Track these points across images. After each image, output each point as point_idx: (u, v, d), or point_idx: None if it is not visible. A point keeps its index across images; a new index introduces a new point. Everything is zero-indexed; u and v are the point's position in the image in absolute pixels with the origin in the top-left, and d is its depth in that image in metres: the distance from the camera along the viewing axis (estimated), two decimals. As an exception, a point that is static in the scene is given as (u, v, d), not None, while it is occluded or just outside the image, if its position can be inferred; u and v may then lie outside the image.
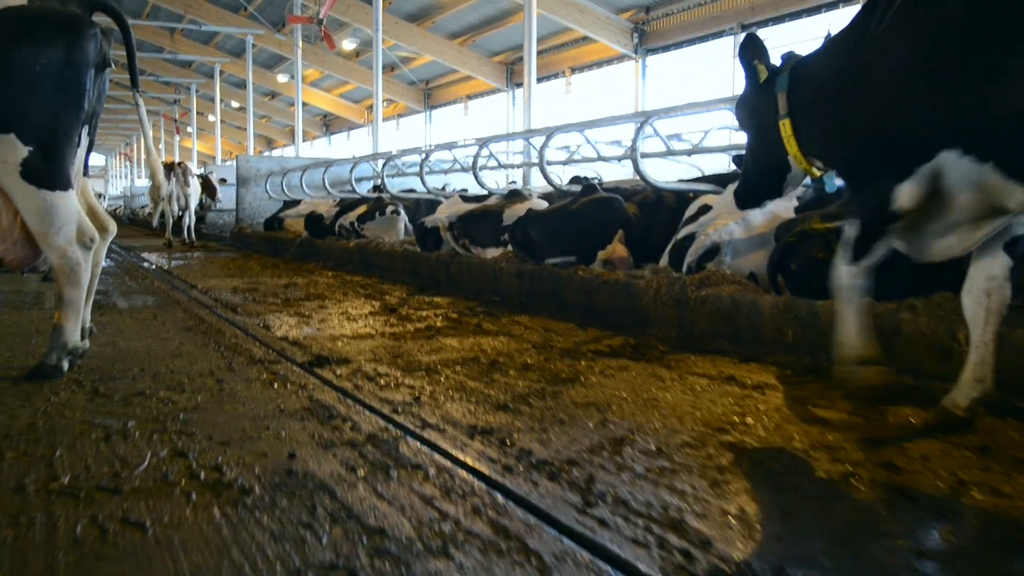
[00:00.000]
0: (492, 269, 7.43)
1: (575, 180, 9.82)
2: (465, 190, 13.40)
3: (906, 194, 2.94)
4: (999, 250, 2.97)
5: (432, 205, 11.92)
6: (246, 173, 18.31)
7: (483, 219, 8.23)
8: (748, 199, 4.21)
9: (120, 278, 9.67)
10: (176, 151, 48.81)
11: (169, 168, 17.10)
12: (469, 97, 31.36)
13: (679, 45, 20.10)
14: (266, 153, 48.65)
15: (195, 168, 34.09)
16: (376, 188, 15.11)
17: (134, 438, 2.95)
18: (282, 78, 36.41)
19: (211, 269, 11.00)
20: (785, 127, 3.57)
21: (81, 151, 4.19)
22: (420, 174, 11.57)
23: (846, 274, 3.23)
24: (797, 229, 4.88)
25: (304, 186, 16.12)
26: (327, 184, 14.83)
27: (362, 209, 11.86)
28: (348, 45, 29.59)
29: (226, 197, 21.23)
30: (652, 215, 6.93)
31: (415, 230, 9.36)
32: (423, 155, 11.91)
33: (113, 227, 4.53)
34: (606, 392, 3.76)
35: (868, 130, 3.08)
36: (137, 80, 4.75)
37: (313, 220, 13.01)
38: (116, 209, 45.18)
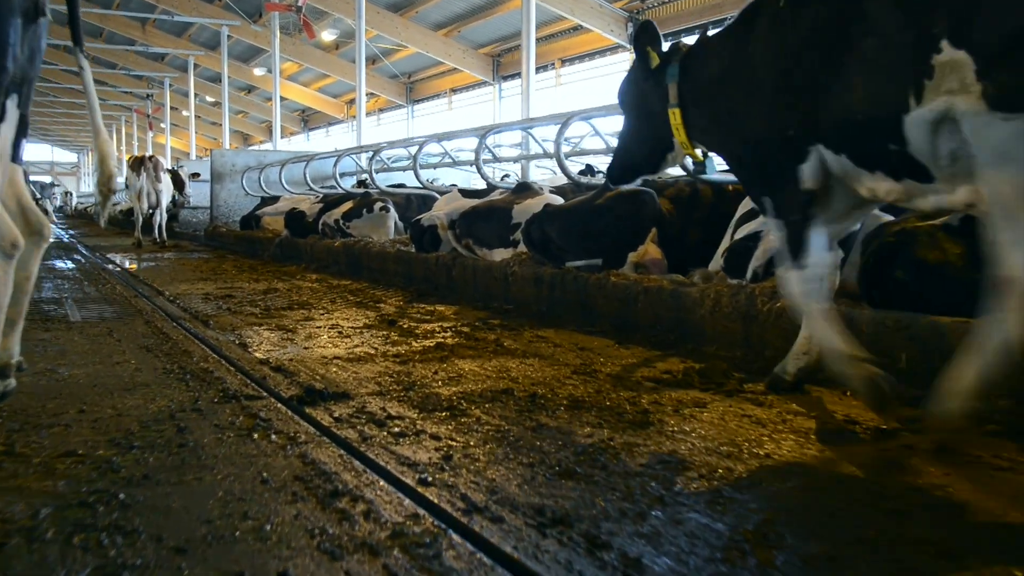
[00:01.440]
0: (503, 273, 6.49)
1: (587, 171, 8.90)
2: (455, 186, 12.46)
3: (810, 172, 3.16)
4: (834, 243, 3.35)
5: (425, 201, 10.96)
6: (221, 168, 17.25)
7: (489, 216, 7.28)
8: (623, 176, 4.33)
9: (78, 283, 8.64)
10: (149, 148, 47.42)
11: (139, 162, 16.01)
12: (453, 91, 30.37)
13: (676, 35, 19.17)
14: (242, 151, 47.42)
15: (168, 164, 32.95)
16: (361, 183, 14.12)
17: (41, 542, 1.98)
18: (258, 71, 35.25)
19: (182, 272, 9.98)
20: (675, 116, 3.76)
21: (7, 128, 3.19)
22: (414, 167, 10.60)
23: (796, 280, 3.30)
24: (894, 228, 3.98)
25: (283, 182, 15.09)
26: (309, 179, 13.81)
27: (348, 205, 10.88)
28: (328, 36, 28.49)
29: (200, 194, 20.13)
30: (688, 211, 6.01)
31: (411, 228, 8.40)
32: (417, 147, 10.93)
33: (49, 231, 3.54)
34: (697, 444, 2.83)
35: (761, 126, 3.30)
36: (80, 38, 3.81)
37: (294, 218, 12.01)
38: (87, 207, 43.81)
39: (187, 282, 8.67)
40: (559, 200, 7.15)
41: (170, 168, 17.63)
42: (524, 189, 7.67)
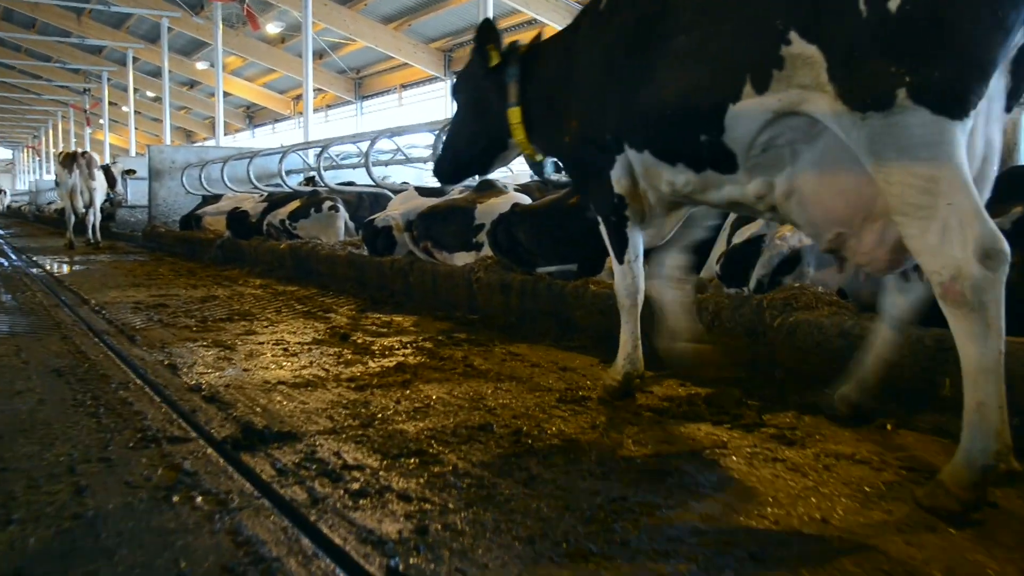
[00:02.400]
0: (466, 279, 5.90)
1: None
2: (407, 183, 11.83)
3: (618, 178, 3.31)
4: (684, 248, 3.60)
5: (377, 200, 10.31)
6: (160, 165, 16.37)
7: (450, 217, 6.69)
8: (455, 174, 4.31)
9: (-5, 290, 7.85)
10: (87, 144, 45.79)
11: (71, 158, 15.06)
12: (404, 86, 29.65)
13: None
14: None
15: (107, 160, 31.75)
16: (309, 181, 13.41)
17: None
18: (201, 65, 34.08)
19: (113, 277, 9.21)
20: (514, 114, 3.73)
21: None
22: (365, 164, 9.93)
23: (619, 273, 3.52)
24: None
25: (226, 179, 14.28)
26: (253, 177, 13.05)
27: (294, 205, 10.18)
28: (273, 29, 27.56)
29: (139, 192, 19.17)
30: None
31: (363, 230, 7.76)
32: (368, 142, 10.26)
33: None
34: (733, 503, 2.28)
35: (577, 124, 3.42)
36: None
37: (236, 218, 11.27)
38: (22, 206, 42.16)
39: (117, 288, 7.92)
40: (526, 199, 6.59)
41: (102, 164, 16.68)
42: (487, 187, 7.08)
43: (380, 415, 3.25)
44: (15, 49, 38.22)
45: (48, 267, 10.80)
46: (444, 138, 4.45)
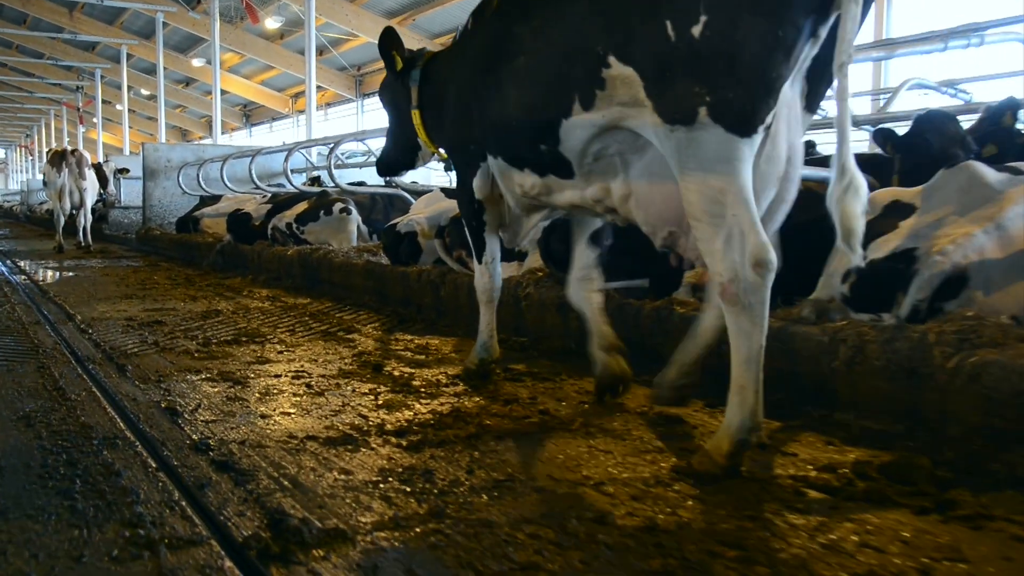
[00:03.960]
0: (512, 296, 5.06)
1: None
2: (415, 183, 11.00)
3: (478, 185, 3.72)
4: (586, 243, 3.82)
5: (392, 201, 9.48)
6: (155, 164, 15.48)
7: (487, 222, 5.83)
8: (388, 170, 4.76)
9: (-30, 303, 6.99)
10: (80, 143, 44.81)
11: (60, 157, 14.17)
12: (406, 84, 28.75)
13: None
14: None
15: (100, 159, 30.84)
16: (314, 181, 12.56)
17: None
18: (197, 63, 33.12)
19: (103, 286, 8.35)
20: (416, 116, 4.07)
21: None
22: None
23: (478, 272, 3.93)
24: None
25: (226, 179, 13.40)
26: (255, 176, 12.18)
27: (302, 207, 9.31)
28: (272, 24, 26.65)
29: (134, 192, 18.29)
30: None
31: (384, 235, 6.90)
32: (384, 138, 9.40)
33: None
34: None
35: (452, 131, 3.82)
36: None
37: (238, 220, 10.40)
38: (13, 206, 41.18)
39: (108, 301, 7.07)
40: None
41: (94, 163, 15.81)
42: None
43: (452, 495, 2.42)
44: (6, 46, 37.28)
45: (33, 274, 9.94)
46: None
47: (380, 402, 3.54)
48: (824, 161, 5.45)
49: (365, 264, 7.01)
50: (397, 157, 4.54)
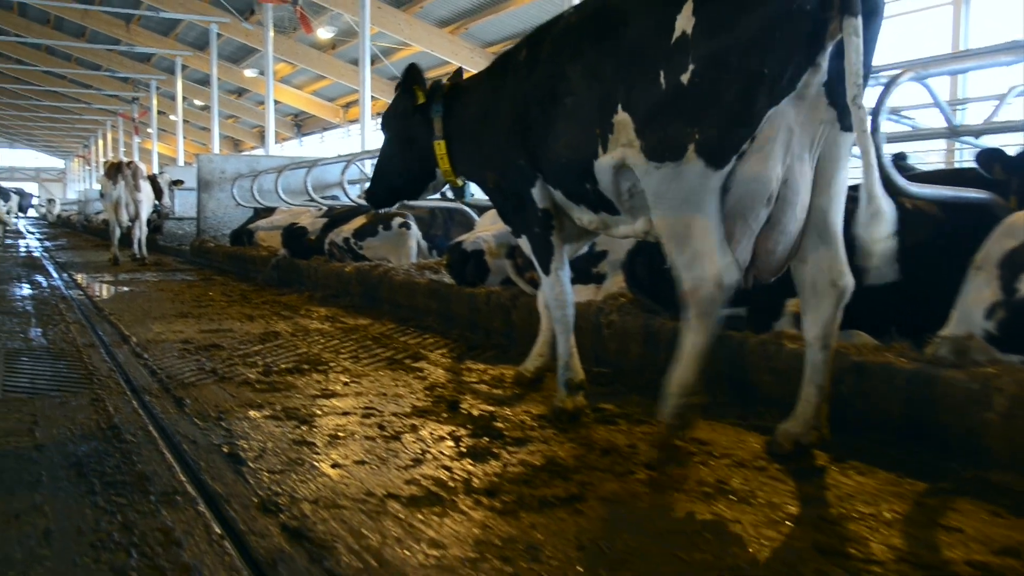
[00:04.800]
0: (593, 323, 4.69)
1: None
2: (473, 195, 10.66)
3: (539, 195, 3.72)
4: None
5: (451, 216, 9.16)
6: (209, 175, 15.39)
7: (562, 241, 5.47)
8: (387, 199, 4.65)
9: (25, 322, 6.79)
10: (136, 153, 45.43)
11: (116, 169, 14.11)
12: (457, 93, 28.54)
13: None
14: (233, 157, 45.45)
15: (155, 169, 31.11)
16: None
17: None
18: (250, 73, 33.28)
19: (159, 303, 8.14)
20: (440, 147, 4.16)
21: None
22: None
23: (548, 284, 3.85)
24: None
25: (280, 191, 13.21)
26: (311, 189, 11.95)
27: (359, 221, 9.04)
28: (324, 34, 26.62)
29: (187, 203, 18.26)
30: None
31: (450, 254, 6.57)
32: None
33: None
34: None
35: (498, 156, 3.86)
36: None
37: (293, 235, 10.17)
38: (71, 215, 41.82)
39: (163, 320, 6.84)
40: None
41: (149, 175, 15.76)
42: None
43: (566, 580, 2.05)
44: (65, 58, 37.91)
45: (88, 288, 9.80)
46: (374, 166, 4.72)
47: (463, 449, 3.19)
48: (925, 177, 5.00)
49: (428, 284, 6.69)
50: (401, 186, 4.54)
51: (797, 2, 2.66)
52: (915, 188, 3.80)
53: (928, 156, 11.95)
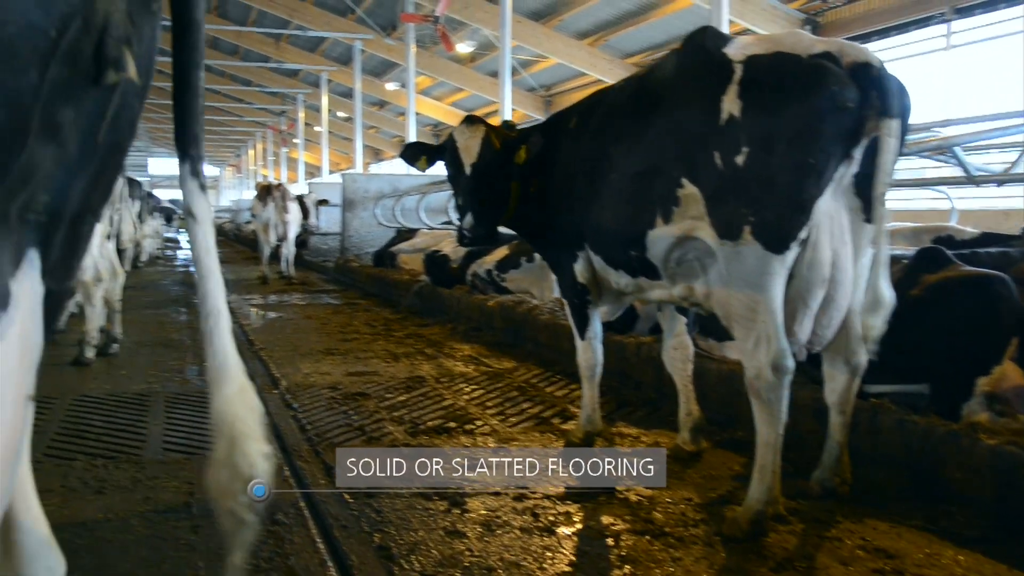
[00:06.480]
0: (737, 390, 4.38)
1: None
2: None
3: (579, 270, 4.04)
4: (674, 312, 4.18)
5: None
6: (353, 195, 15.72)
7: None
8: (488, 234, 4.44)
9: (181, 357, 7.00)
10: (283, 163, 47.30)
11: (266, 191, 14.61)
12: (595, 104, 28.31)
13: (865, 38, 16.47)
14: (373, 165, 46.73)
15: (301, 183, 32.11)
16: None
17: None
18: (391, 86, 34.04)
19: (306, 334, 8.27)
20: (515, 188, 4.28)
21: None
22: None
23: (581, 348, 4.20)
24: None
25: (422, 212, 13.32)
26: (453, 215, 11.99)
27: (502, 252, 8.94)
28: (464, 48, 26.92)
29: (331, 219, 18.72)
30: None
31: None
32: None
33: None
34: None
35: (554, 222, 4.15)
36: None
37: (435, 262, 10.19)
38: (223, 223, 43.88)
39: (311, 357, 6.92)
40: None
41: (296, 195, 16.22)
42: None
43: None
44: (220, 75, 39.82)
45: (239, 313, 10.10)
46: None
47: (622, 552, 2.99)
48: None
49: (574, 326, 6.50)
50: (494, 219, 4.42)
51: (841, 98, 2.85)
52: None
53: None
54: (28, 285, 1.23)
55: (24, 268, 1.22)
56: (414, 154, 4.71)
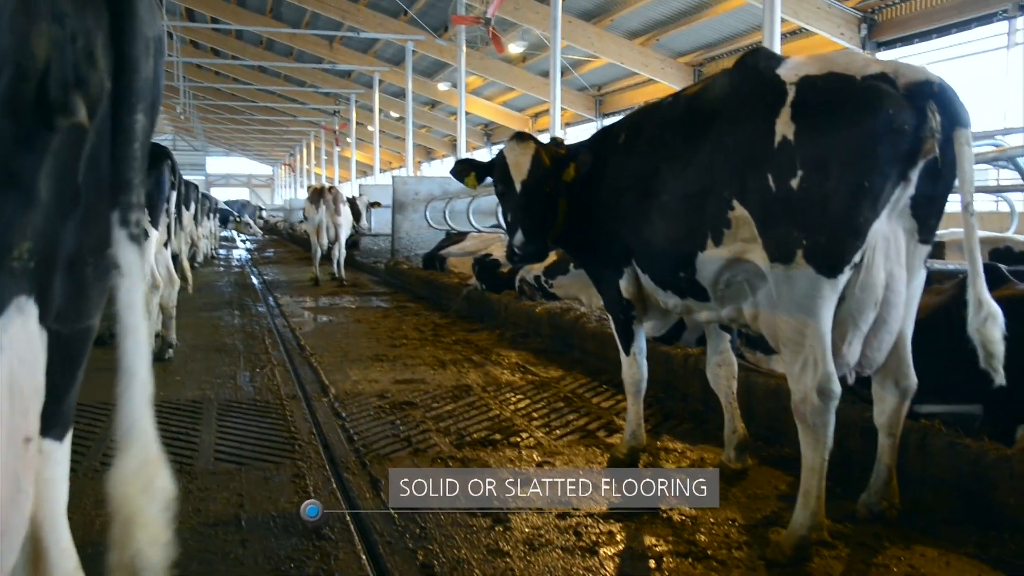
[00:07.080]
0: (784, 406, 4.33)
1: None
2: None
3: (625, 286, 4.07)
4: (718, 328, 4.09)
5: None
6: (403, 197, 15.83)
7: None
8: (539, 252, 4.49)
9: (235, 362, 7.13)
10: (336, 162, 47.83)
11: (318, 194, 14.79)
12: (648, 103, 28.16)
13: (924, 36, 16.12)
14: (425, 164, 47.00)
15: (353, 182, 32.42)
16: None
17: None
18: (442, 86, 34.24)
19: (355, 340, 8.37)
20: (563, 204, 4.26)
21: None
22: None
23: (626, 363, 4.23)
24: None
25: (471, 215, 13.36)
26: (501, 217, 12.01)
27: (551, 257, 8.92)
28: (515, 49, 26.93)
29: (382, 220, 18.89)
30: None
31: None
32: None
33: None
34: None
35: (599, 239, 4.18)
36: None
37: (485, 267, 10.23)
38: (277, 222, 44.52)
39: (360, 364, 7.00)
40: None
41: (348, 197, 16.39)
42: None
43: None
44: (275, 76, 40.40)
45: (291, 316, 10.25)
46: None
47: (664, 575, 2.99)
48: None
49: (621, 336, 6.48)
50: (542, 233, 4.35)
51: (898, 120, 2.83)
52: None
53: None
54: (17, 331, 1.23)
55: (10, 315, 1.21)
56: (463, 170, 4.75)
